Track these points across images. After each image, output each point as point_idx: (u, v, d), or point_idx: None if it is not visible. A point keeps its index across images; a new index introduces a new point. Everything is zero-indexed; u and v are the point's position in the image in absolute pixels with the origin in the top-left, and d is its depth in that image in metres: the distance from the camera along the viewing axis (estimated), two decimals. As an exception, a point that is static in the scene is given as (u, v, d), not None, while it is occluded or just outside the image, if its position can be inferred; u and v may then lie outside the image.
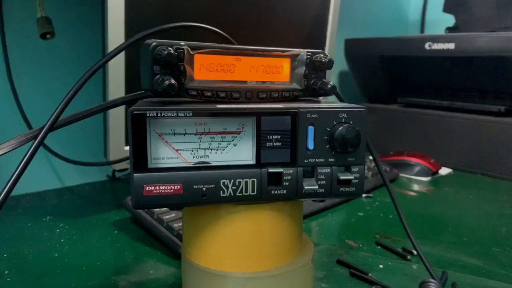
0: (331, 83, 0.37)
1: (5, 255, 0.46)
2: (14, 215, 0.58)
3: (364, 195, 0.70)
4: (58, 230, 0.53)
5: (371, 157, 0.84)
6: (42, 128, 0.30)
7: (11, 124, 0.65)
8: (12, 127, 0.65)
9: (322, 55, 0.37)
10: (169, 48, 0.30)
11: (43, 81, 0.68)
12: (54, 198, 0.66)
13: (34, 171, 0.69)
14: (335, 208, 0.64)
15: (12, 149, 0.30)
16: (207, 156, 0.31)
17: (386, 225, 0.58)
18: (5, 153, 0.29)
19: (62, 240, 0.50)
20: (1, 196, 0.28)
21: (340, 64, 1.16)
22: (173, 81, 0.30)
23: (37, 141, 0.30)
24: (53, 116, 0.30)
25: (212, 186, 0.31)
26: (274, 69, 0.36)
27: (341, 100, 0.43)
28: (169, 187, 0.30)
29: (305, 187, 0.32)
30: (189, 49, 0.32)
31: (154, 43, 0.30)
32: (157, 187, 0.30)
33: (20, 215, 0.58)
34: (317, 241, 0.52)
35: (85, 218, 0.58)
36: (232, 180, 0.31)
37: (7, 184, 0.28)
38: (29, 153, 0.29)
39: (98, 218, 0.58)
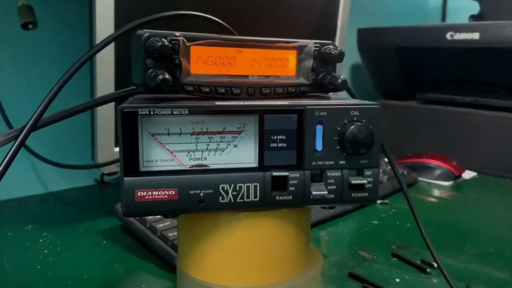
0: (341, 77, 0.37)
1: (-17, 267, 0.46)
2: (-7, 223, 0.58)
3: (378, 202, 0.70)
4: (41, 240, 0.53)
5: (386, 160, 0.84)
6: (24, 127, 0.30)
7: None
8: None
9: (331, 46, 0.37)
10: (163, 39, 0.30)
11: (25, 75, 0.68)
12: (37, 205, 0.66)
13: (15, 175, 0.69)
14: (346, 215, 0.64)
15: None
16: (205, 158, 0.32)
17: (403, 235, 0.58)
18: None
19: (45, 251, 0.50)
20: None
21: (352, 56, 1.16)
22: (167, 76, 0.30)
23: (18, 141, 0.30)
24: (35, 114, 0.31)
25: (210, 191, 0.31)
26: (279, 62, 0.36)
27: (353, 96, 0.43)
28: (163, 193, 0.30)
29: (313, 193, 0.32)
30: (185, 40, 0.32)
31: (146, 34, 0.31)
32: (150, 193, 0.30)
33: (0, 223, 0.58)
34: (326, 252, 0.52)
35: (71, 226, 0.58)
36: (232, 185, 0.31)
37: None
38: (9, 155, 0.29)
39: (85, 227, 0.58)
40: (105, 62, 0.54)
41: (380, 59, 1.07)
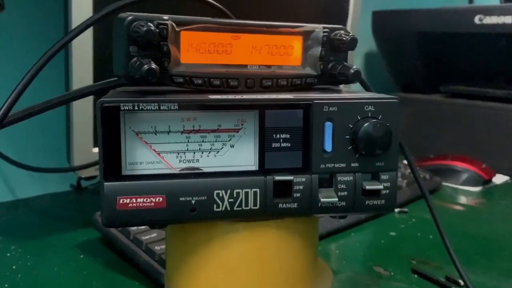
0: (354, 67, 0.37)
1: None
2: (-46, 235, 0.58)
3: (396, 210, 0.70)
4: (8, 254, 0.53)
5: (405, 162, 0.84)
6: (-11, 125, 0.31)
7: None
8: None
9: (342, 31, 0.37)
10: (149, 23, 0.30)
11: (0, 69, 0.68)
12: (4, 213, 0.66)
13: (-22, 180, 0.69)
14: (359, 226, 0.64)
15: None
16: (197, 161, 0.32)
17: (425, 248, 0.58)
18: None
19: (14, 267, 0.50)
20: None
21: (367, 43, 1.16)
22: (153, 66, 0.30)
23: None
24: (2, 110, 0.31)
25: (203, 198, 0.31)
26: (282, 49, 0.36)
27: (367, 89, 0.43)
28: (148, 200, 0.30)
29: (321, 200, 0.32)
30: (174, 24, 0.32)
31: (129, 18, 0.31)
32: (134, 200, 0.30)
33: (-40, 235, 0.58)
34: (337, 268, 0.52)
35: (43, 238, 0.58)
36: (228, 191, 0.31)
37: None
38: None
39: (59, 239, 0.58)
40: (82, 50, 0.54)
41: (398, 46, 1.07)
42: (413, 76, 1.10)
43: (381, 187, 0.33)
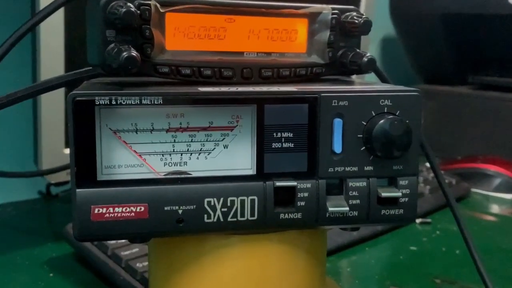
0: (368, 54, 0.37)
1: None
2: None
3: (418, 221, 0.70)
4: (-34, 272, 0.54)
5: (428, 165, 0.84)
6: None
7: None
8: None
9: (354, 13, 0.37)
10: (129, 4, 0.30)
11: None
12: (-39, 225, 0.66)
13: None
14: (375, 239, 0.64)
15: None
16: (185, 163, 0.32)
17: (451, 265, 0.58)
18: None
19: (-28, 287, 0.51)
20: None
21: (384, 27, 1.16)
22: (134, 53, 0.30)
23: None
24: (-42, 105, 0.31)
25: (192, 207, 0.31)
26: (284, 34, 0.36)
27: (383, 80, 0.43)
28: (128, 209, 0.30)
29: (330, 209, 0.33)
30: (158, 5, 0.32)
31: (106, -3, 0.31)
32: (111, 209, 0.30)
33: None
34: (348, 289, 0.52)
35: (6, 254, 0.58)
36: (221, 199, 0.31)
37: None
38: None
39: (25, 255, 0.58)
40: (52, 35, 0.55)
41: (420, 30, 1.07)
42: (438, 65, 1.10)
43: (400, 194, 0.33)
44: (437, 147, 1.02)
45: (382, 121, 0.32)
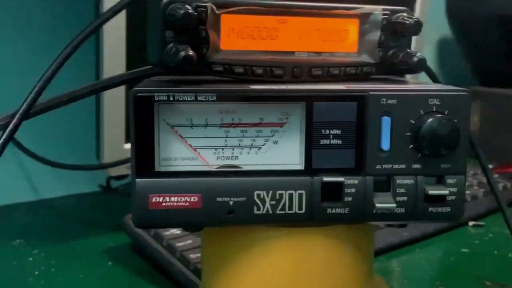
0: (418, 54, 0.37)
1: (-39, 290, 0.49)
2: (-26, 236, 0.62)
3: (471, 223, 0.69)
4: (31, 259, 0.56)
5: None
6: (14, 114, 0.33)
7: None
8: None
9: (405, 14, 0.37)
10: (187, 6, 0.32)
11: (15, 51, 0.72)
12: (27, 215, 0.69)
13: (0, 177, 0.72)
14: (426, 240, 0.63)
15: (-25, 143, 0.32)
16: (236, 158, 0.33)
17: (503, 269, 0.57)
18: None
19: (36, 272, 0.53)
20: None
21: (440, 28, 1.14)
22: (191, 52, 0.31)
23: (6, 132, 0.32)
24: (28, 99, 0.33)
25: (242, 199, 0.32)
26: (335, 34, 0.37)
27: (434, 80, 0.43)
28: (183, 199, 0.32)
29: (377, 205, 0.33)
30: (214, 7, 0.33)
31: (165, 0, 0.32)
32: (167, 199, 0.32)
33: (-20, 236, 0.62)
34: (397, 288, 0.52)
35: (68, 243, 0.60)
36: (270, 192, 0.32)
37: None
38: (-5, 149, 0.31)
39: (86, 244, 0.60)
40: (115, 35, 0.57)
41: (476, 31, 1.05)
42: (494, 67, 1.08)
43: (447, 192, 0.33)
44: (493, 150, 0.99)
45: (430, 119, 0.32)
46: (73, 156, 0.74)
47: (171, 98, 0.31)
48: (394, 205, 0.33)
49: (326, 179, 0.33)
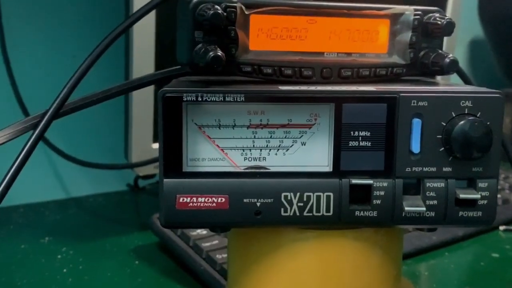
0: (450, 55, 0.36)
1: (-8, 285, 0.50)
2: (4, 233, 0.63)
3: (502, 228, 0.68)
4: (59, 256, 0.57)
5: (515, 171, 0.81)
6: (44, 114, 0.33)
7: (1, 109, 0.70)
8: (2, 113, 0.70)
9: (437, 14, 0.37)
10: (216, 6, 0.32)
11: (46, 51, 0.73)
12: (56, 213, 0.71)
13: (30, 175, 0.73)
14: (455, 245, 0.63)
15: (7, 141, 0.33)
16: (264, 159, 0.33)
17: (535, 274, 0.56)
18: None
19: (64, 270, 0.54)
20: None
21: (472, 29, 1.13)
22: (219, 53, 0.31)
23: (37, 131, 0.32)
24: (58, 99, 0.33)
25: (269, 200, 0.32)
26: (365, 35, 0.36)
27: (466, 82, 0.42)
28: (210, 200, 0.32)
29: (406, 208, 0.33)
30: (243, 7, 0.33)
31: (195, 0, 0.32)
32: (195, 199, 0.32)
33: (11, 233, 0.63)
34: (425, 292, 0.52)
35: (96, 241, 0.61)
36: (298, 194, 0.32)
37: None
38: (26, 148, 0.32)
39: (113, 242, 0.61)
40: (144, 36, 0.57)
41: (509, 32, 1.03)
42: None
43: (479, 196, 0.33)
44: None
45: (462, 122, 0.32)
46: (102, 156, 0.75)
47: (200, 99, 0.31)
48: (424, 208, 0.33)
49: (354, 181, 0.32)
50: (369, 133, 0.32)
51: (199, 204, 0.32)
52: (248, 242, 0.36)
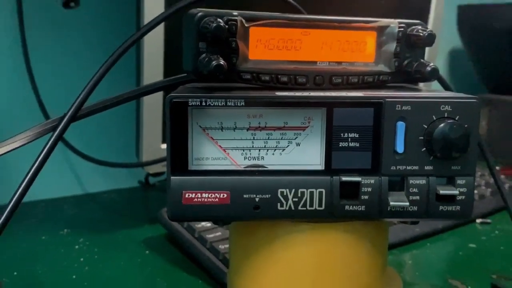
0: (431, 64, 0.36)
1: (15, 273, 0.50)
2: (26, 226, 0.63)
3: (478, 221, 0.68)
4: (77, 247, 0.57)
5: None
6: (63, 117, 0.33)
7: (24, 113, 0.70)
8: (25, 116, 0.70)
9: (420, 27, 0.37)
10: (219, 19, 0.32)
11: (65, 60, 0.73)
12: (74, 207, 0.71)
13: (50, 173, 0.73)
14: (436, 236, 0.63)
15: (28, 142, 0.33)
16: (262, 158, 0.33)
17: (508, 263, 0.56)
18: (20, 146, 0.33)
19: (81, 259, 0.54)
20: (12, 201, 0.31)
21: (452, 40, 1.13)
22: (222, 62, 0.32)
23: (56, 133, 0.32)
24: (76, 103, 0.33)
25: (267, 196, 0.32)
26: (354, 45, 0.36)
27: (446, 88, 0.42)
28: (213, 195, 0.32)
29: (391, 203, 0.33)
30: (243, 20, 0.33)
31: (199, 14, 0.32)
32: (199, 195, 0.32)
33: (32, 226, 0.63)
34: (409, 279, 0.52)
35: (110, 233, 0.61)
36: (293, 190, 0.32)
37: (19, 187, 0.31)
38: (46, 148, 0.32)
39: (126, 234, 0.61)
40: (154, 46, 0.57)
41: (487, 45, 1.03)
42: (502, 76, 1.06)
43: (457, 192, 0.33)
44: (501, 153, 0.98)
45: (442, 124, 0.32)
46: (115, 155, 0.75)
47: (204, 103, 0.31)
48: (407, 203, 0.33)
49: (344, 178, 0.33)
50: (357, 134, 0.33)
51: (203, 199, 0.32)
52: (247, 234, 0.36)
